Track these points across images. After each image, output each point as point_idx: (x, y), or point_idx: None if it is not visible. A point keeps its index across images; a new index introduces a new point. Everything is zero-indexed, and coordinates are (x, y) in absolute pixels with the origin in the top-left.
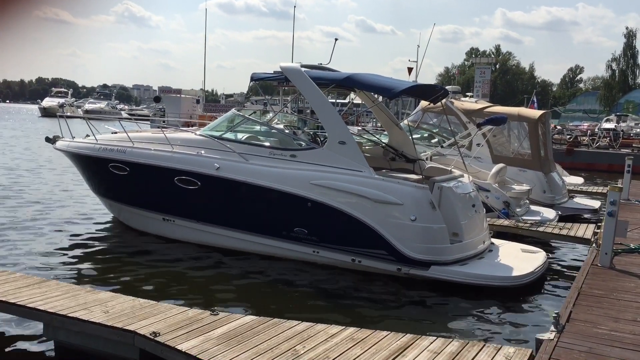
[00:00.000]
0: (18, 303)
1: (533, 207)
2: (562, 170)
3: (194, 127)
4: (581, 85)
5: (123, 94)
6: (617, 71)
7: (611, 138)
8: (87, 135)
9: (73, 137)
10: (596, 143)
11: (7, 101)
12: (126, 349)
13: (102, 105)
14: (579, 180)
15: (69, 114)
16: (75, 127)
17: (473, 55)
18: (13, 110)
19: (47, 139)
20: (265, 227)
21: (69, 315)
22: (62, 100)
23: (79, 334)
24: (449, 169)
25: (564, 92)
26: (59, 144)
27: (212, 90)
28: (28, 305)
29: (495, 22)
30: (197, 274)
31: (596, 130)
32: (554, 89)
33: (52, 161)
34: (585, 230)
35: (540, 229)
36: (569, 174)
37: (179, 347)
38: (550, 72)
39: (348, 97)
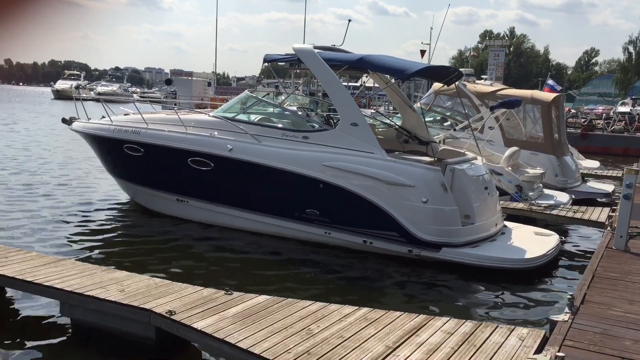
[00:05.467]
0: (35, 281)
1: (546, 191)
2: (577, 154)
3: (206, 109)
4: (596, 68)
5: (135, 77)
6: (633, 54)
7: (626, 122)
8: (103, 117)
9: (89, 119)
10: (611, 127)
11: (21, 83)
12: (142, 327)
13: (114, 87)
14: (594, 164)
15: (83, 95)
16: (89, 109)
17: (487, 38)
18: (26, 93)
19: (64, 120)
20: (278, 208)
21: (86, 293)
22: (76, 83)
23: (95, 312)
24: (462, 151)
25: (579, 75)
26: (75, 125)
27: (224, 73)
28: (45, 283)
29: (510, 3)
30: (210, 254)
31: (611, 113)
32: (569, 72)
33: (68, 142)
34: (599, 214)
35: (554, 212)
36: (584, 157)
37: (194, 326)
38: (566, 55)
39: (360, 80)
